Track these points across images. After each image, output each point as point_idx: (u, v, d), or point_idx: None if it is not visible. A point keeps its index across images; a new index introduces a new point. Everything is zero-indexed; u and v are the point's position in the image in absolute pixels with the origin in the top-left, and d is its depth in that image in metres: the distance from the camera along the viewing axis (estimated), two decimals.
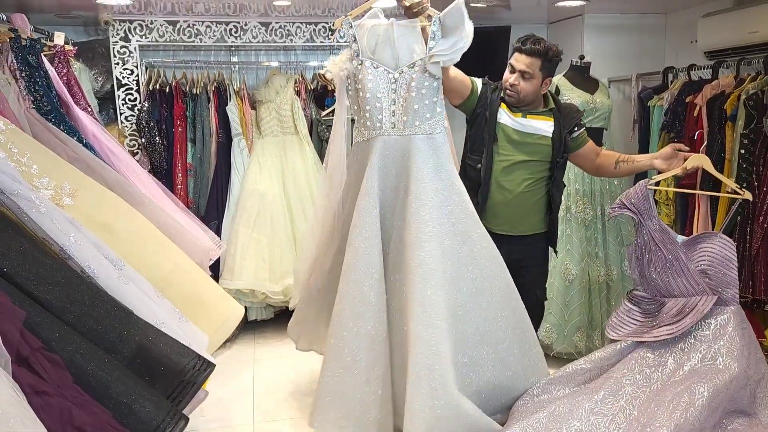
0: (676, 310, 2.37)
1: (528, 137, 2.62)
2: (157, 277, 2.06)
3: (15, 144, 1.94)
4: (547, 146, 2.63)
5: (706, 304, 2.31)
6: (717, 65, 3.44)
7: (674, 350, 2.34)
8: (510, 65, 2.60)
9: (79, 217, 1.93)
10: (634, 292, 2.53)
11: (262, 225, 3.84)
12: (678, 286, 2.39)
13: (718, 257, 2.35)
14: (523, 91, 2.57)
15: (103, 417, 1.46)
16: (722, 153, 3.17)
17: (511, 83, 2.57)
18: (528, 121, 2.62)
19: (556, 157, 2.64)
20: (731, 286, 2.33)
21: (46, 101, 2.62)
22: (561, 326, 3.48)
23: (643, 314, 2.47)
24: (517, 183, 2.64)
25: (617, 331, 2.45)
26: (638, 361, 2.36)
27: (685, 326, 2.30)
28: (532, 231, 2.71)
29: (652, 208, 2.46)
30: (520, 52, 2.56)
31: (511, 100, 2.60)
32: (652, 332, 2.36)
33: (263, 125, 4.04)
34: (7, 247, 1.59)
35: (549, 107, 2.66)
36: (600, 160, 2.77)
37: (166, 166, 3.93)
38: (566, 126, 2.63)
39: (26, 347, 1.41)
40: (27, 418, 1.20)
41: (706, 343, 2.29)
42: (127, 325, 1.61)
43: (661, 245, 2.41)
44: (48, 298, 1.60)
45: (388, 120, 2.33)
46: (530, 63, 2.53)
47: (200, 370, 1.63)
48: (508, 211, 2.65)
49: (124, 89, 3.98)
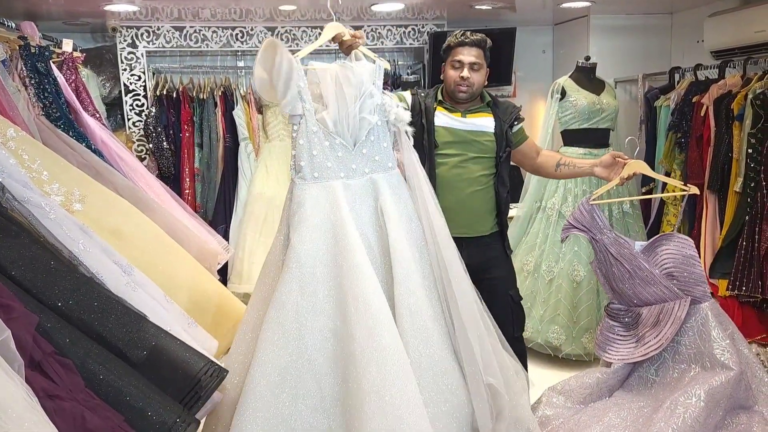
0: (653, 319, 2.35)
1: (470, 135, 2.58)
2: (167, 282, 2.07)
3: (26, 151, 1.95)
4: (491, 142, 2.59)
5: (681, 308, 2.28)
6: (724, 65, 3.43)
7: (668, 363, 2.33)
8: (455, 62, 2.54)
9: (88, 222, 1.94)
10: (611, 306, 2.51)
11: (270, 229, 3.85)
12: (648, 294, 2.36)
13: (680, 257, 2.33)
14: (476, 83, 2.55)
15: (115, 421, 1.47)
16: (729, 153, 3.16)
17: (464, 77, 2.52)
18: (468, 119, 2.59)
19: (500, 152, 2.59)
20: (700, 283, 2.30)
21: (55, 108, 2.63)
22: (569, 328, 3.47)
23: (623, 328, 2.46)
24: (467, 182, 2.58)
25: (606, 351, 2.44)
26: (637, 381, 2.37)
27: (668, 335, 2.29)
28: (489, 230, 2.65)
29: (600, 223, 2.42)
30: (463, 45, 2.53)
31: (464, 96, 2.56)
32: (640, 350, 2.35)
33: (270, 129, 4.06)
34: (18, 254, 1.61)
35: (486, 101, 2.63)
36: (541, 159, 2.73)
37: (173, 170, 3.95)
38: (506, 120, 2.59)
39: (39, 352, 1.42)
40: (41, 422, 1.21)
41: (695, 349, 2.28)
42: (139, 330, 1.62)
43: (620, 258, 2.38)
44: (58, 304, 1.62)
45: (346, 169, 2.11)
46: (477, 54, 2.53)
47: (213, 375, 1.63)
48: (462, 212, 2.59)
49: (132, 95, 4.00)
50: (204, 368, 1.66)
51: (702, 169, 3.39)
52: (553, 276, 3.52)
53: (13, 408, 1.17)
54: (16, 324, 1.34)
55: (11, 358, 1.28)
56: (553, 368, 3.53)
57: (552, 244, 3.56)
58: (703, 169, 3.38)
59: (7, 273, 1.56)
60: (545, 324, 3.52)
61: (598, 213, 2.44)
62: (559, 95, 3.67)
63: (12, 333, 1.30)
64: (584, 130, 3.63)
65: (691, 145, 3.49)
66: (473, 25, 4.35)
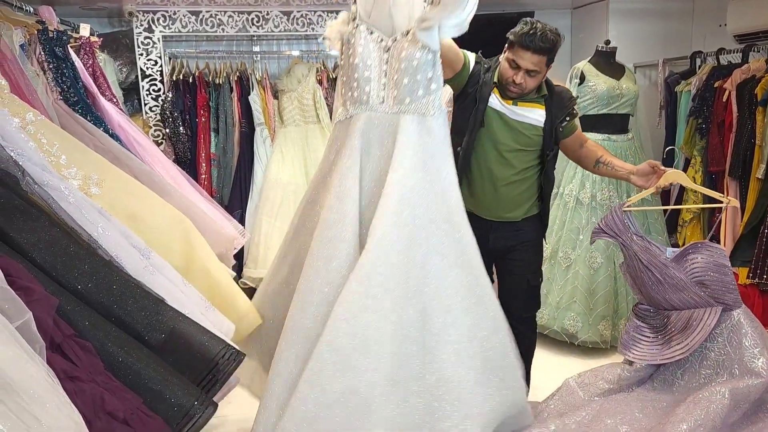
0: (682, 324, 2.31)
1: (518, 125, 2.46)
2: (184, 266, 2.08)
3: (44, 135, 1.96)
4: (538, 137, 2.48)
5: (712, 317, 2.24)
6: (747, 49, 3.36)
7: (695, 368, 2.30)
8: (512, 61, 2.36)
9: (106, 206, 1.95)
10: (639, 306, 2.47)
11: (286, 214, 3.85)
12: (678, 300, 2.32)
13: (711, 266, 2.29)
14: (529, 87, 2.42)
15: (133, 403, 1.48)
16: (752, 139, 3.10)
17: (517, 82, 2.38)
18: (519, 109, 2.46)
19: (546, 149, 2.50)
20: (731, 291, 2.26)
21: (73, 92, 2.65)
22: (586, 315, 3.45)
23: (650, 329, 2.42)
24: (506, 174, 2.50)
25: (631, 351, 2.40)
26: (662, 383, 2.34)
27: (696, 342, 2.25)
28: (522, 216, 2.56)
29: (632, 229, 2.38)
30: (526, 49, 2.31)
31: (513, 95, 2.44)
32: (665, 353, 2.32)
33: (285, 115, 4.05)
34: (38, 237, 1.62)
35: (542, 94, 2.50)
36: (583, 152, 2.62)
37: (189, 155, 3.96)
38: (558, 116, 2.48)
39: (59, 334, 1.44)
40: (62, 403, 1.23)
41: (723, 356, 2.24)
42: (157, 314, 1.63)
43: (650, 266, 2.33)
44: (78, 287, 1.63)
45: (377, 94, 2.02)
46: (538, 61, 2.35)
47: (230, 359, 1.64)
48: (496, 201, 2.52)
49: (148, 80, 4.01)
50: (221, 352, 1.67)
51: (723, 156, 3.33)
52: (570, 262, 3.50)
53: (35, 389, 1.18)
54: (37, 306, 1.36)
55: (33, 340, 1.29)
56: (569, 355, 3.51)
57: (569, 231, 3.53)
58: (724, 155, 3.32)
59: (28, 256, 1.57)
60: (561, 311, 3.50)
61: (631, 219, 2.39)
62: (578, 80, 3.62)
63: (33, 315, 1.31)
64: (603, 115, 3.58)
65: (712, 131, 3.43)
66: (492, 8, 4.30)
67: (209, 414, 1.57)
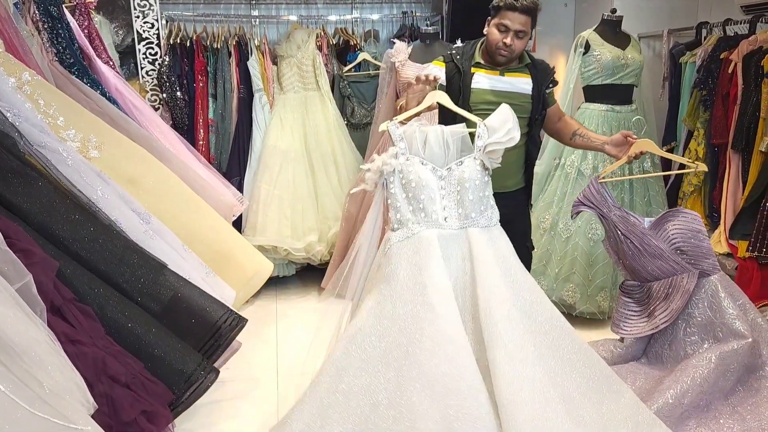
0: (663, 292, 2.42)
1: (508, 95, 2.58)
2: (184, 231, 2.06)
3: (41, 95, 1.92)
4: (528, 103, 2.62)
5: (690, 281, 2.36)
6: (755, 20, 3.31)
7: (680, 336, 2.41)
8: (500, 25, 2.50)
9: (105, 170, 1.92)
10: (625, 283, 2.57)
11: (284, 182, 3.82)
12: (658, 268, 2.42)
13: (687, 232, 2.41)
14: (518, 49, 2.55)
15: (135, 367, 1.48)
16: (757, 112, 3.07)
17: (508, 43, 2.50)
18: (507, 78, 2.60)
19: (535, 114, 2.64)
20: (708, 257, 2.37)
21: (68, 53, 2.59)
22: (585, 286, 3.45)
23: (637, 303, 2.54)
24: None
25: (621, 328, 2.52)
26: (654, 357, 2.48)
27: (678, 308, 2.36)
28: (515, 186, 2.71)
29: (609, 201, 2.49)
30: (513, 10, 2.47)
31: (503, 59, 2.56)
32: (651, 322, 2.43)
33: (284, 81, 3.99)
34: (37, 201, 1.59)
35: (525, 63, 2.64)
36: (560, 125, 2.78)
37: (187, 121, 3.91)
38: (543, 82, 2.63)
39: (59, 297, 1.42)
40: (63, 366, 1.22)
41: (706, 320, 2.36)
42: (159, 279, 1.62)
43: (629, 234, 2.44)
44: (78, 251, 1.61)
45: (441, 214, 2.22)
46: (525, 21, 2.48)
47: (232, 324, 1.64)
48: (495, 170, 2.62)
49: (145, 43, 3.93)
50: (223, 317, 1.66)
51: (726, 128, 3.30)
52: (570, 234, 3.48)
53: (36, 351, 1.17)
54: (37, 269, 1.34)
55: (33, 302, 1.27)
56: None
57: (569, 203, 3.51)
58: (727, 128, 3.29)
59: (27, 219, 1.54)
60: (560, 282, 3.50)
61: (607, 191, 2.50)
62: (582, 49, 3.56)
63: (33, 278, 1.29)
64: (608, 86, 3.53)
65: (716, 103, 3.40)
66: None
67: (211, 380, 1.57)
